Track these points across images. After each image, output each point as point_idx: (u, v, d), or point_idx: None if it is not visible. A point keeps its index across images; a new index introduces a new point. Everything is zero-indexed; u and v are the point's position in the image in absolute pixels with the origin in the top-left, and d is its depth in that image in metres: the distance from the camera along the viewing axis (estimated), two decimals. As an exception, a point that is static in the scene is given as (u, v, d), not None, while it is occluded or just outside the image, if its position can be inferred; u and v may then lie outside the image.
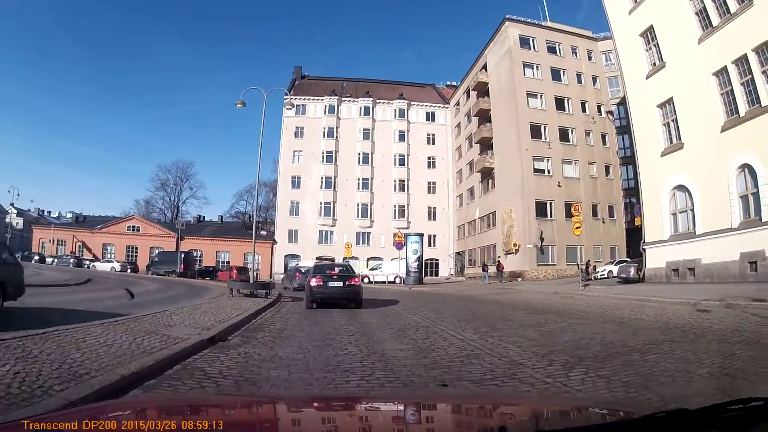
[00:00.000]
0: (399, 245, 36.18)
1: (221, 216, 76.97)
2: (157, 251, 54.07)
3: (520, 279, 42.18)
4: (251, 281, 18.89)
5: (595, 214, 45.99)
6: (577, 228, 25.90)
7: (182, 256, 43.86)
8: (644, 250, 27.51)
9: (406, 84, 68.55)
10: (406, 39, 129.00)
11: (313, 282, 15.98)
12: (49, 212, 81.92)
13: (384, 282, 39.94)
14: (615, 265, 36.25)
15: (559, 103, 46.96)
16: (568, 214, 43.75)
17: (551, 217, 44.58)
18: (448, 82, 71.41)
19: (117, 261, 51.56)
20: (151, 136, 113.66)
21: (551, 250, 44.41)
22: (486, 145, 51.18)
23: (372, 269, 44.49)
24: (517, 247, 44.53)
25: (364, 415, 2.27)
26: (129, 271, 46.24)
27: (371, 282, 40.91)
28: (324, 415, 2.26)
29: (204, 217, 74.67)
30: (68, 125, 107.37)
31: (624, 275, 28.76)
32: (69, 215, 74.65)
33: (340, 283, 16.13)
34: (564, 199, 44.69)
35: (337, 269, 17.87)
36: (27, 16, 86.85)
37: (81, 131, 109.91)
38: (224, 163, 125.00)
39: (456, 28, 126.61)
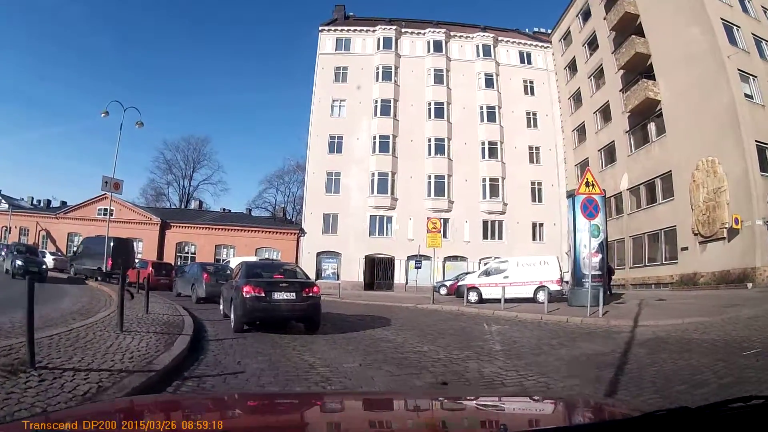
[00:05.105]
0: (591, 206, 14.78)
1: (249, 209, 60.00)
2: (74, 237, 40.95)
3: (750, 285, 23.62)
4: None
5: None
6: None
7: (112, 245, 26.75)
8: None
9: (485, 27, 49.41)
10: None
11: (247, 292, 10.57)
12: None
13: (532, 300, 20.18)
14: None
15: (741, 2, 30.35)
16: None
17: (775, 171, 27.04)
18: (536, 29, 52.88)
19: (51, 253, 37.45)
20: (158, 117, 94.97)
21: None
22: (637, 70, 33.62)
23: (485, 274, 23.49)
24: (738, 226, 25.74)
25: (364, 414, 2.26)
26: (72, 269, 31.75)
27: (481, 301, 21.74)
28: (324, 414, 2.26)
29: (230, 210, 58.52)
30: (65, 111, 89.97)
31: None
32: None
33: (292, 295, 10.89)
34: (786, 144, 27.74)
35: (280, 271, 12.51)
36: None
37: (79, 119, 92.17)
38: (247, 144, 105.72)
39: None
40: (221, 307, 13.73)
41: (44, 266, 24.59)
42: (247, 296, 10.49)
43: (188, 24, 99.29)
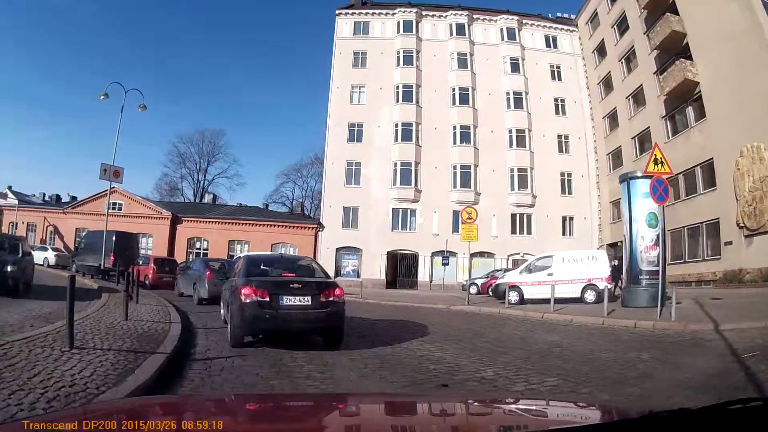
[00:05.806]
0: (660, 188, 12.76)
1: (266, 203, 57.14)
2: (82, 232, 38.12)
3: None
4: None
5: None
6: None
7: (114, 238, 25.48)
8: None
9: (508, 11, 47.14)
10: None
11: (247, 295, 7.93)
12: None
13: (579, 301, 18.15)
14: None
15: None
16: None
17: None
18: (559, 14, 50.49)
19: (54, 249, 36.32)
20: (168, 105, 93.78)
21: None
22: (672, 50, 31.46)
23: (527, 271, 20.64)
24: (790, 217, 24.62)
25: (365, 415, 2.24)
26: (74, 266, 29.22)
27: (522, 301, 19.46)
28: (325, 414, 2.21)
29: (246, 205, 56.44)
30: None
31: None
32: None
33: (307, 299, 8.18)
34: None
35: (291, 268, 9.48)
36: None
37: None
38: (263, 135, 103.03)
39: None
40: (222, 311, 11.19)
41: (9, 268, 12.76)
42: (247, 301, 7.94)
43: (188, 24, 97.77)
